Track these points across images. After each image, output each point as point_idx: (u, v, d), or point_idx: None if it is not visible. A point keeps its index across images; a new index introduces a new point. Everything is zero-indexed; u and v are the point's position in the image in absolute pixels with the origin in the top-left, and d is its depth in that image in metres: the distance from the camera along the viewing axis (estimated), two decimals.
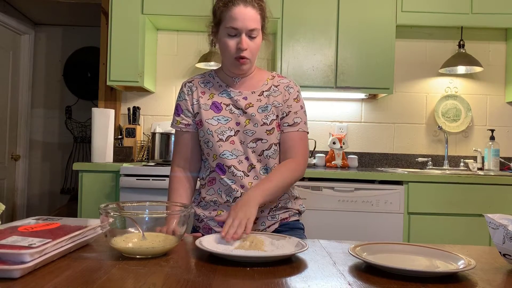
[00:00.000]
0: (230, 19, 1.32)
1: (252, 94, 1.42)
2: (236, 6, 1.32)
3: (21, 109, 4.17)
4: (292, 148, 1.42)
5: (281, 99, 1.43)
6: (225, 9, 1.34)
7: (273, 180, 1.33)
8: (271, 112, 1.41)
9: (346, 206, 2.48)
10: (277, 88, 1.45)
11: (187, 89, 1.46)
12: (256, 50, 1.38)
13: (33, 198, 4.34)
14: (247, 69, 1.40)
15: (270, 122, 1.40)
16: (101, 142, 2.68)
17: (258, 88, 1.44)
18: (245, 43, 1.33)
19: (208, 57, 2.97)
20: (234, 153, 1.39)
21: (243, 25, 1.32)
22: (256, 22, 1.34)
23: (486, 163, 3.01)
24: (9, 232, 0.91)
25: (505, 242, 0.93)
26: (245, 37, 1.33)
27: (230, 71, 1.42)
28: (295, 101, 1.45)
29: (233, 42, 1.34)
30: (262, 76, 1.47)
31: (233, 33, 1.33)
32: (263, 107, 1.41)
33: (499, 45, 3.20)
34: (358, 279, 0.86)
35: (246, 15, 1.32)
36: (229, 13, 1.33)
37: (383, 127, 3.20)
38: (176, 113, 1.48)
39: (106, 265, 0.89)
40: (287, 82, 1.47)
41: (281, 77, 1.49)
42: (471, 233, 2.49)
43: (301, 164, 1.41)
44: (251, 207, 1.21)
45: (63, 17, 4.18)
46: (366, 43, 2.82)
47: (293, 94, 1.45)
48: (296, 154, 1.41)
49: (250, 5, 1.33)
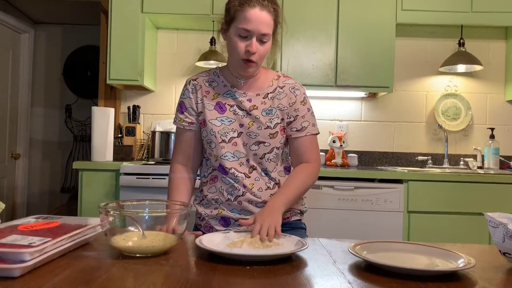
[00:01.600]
0: (244, 20, 1.29)
1: (257, 96, 1.41)
2: (252, 8, 1.29)
3: (21, 108, 4.16)
4: (306, 154, 1.43)
5: (286, 102, 1.41)
6: (240, 8, 1.30)
7: (294, 187, 1.35)
8: (275, 116, 1.39)
9: (346, 205, 2.47)
10: (282, 89, 1.43)
11: (192, 87, 1.45)
12: (264, 54, 1.35)
13: (33, 197, 4.34)
14: (253, 72, 1.38)
15: (274, 126, 1.39)
16: (101, 141, 2.68)
17: (263, 90, 1.42)
18: (254, 47, 1.30)
19: (208, 56, 2.97)
20: (236, 155, 1.39)
21: (256, 28, 1.29)
22: (269, 27, 1.32)
23: (486, 162, 3.00)
24: (9, 231, 0.91)
25: (505, 241, 0.93)
26: (256, 41, 1.31)
27: (236, 71, 1.40)
28: (302, 104, 1.43)
29: (243, 44, 1.31)
30: (267, 77, 1.45)
31: (244, 34, 1.30)
32: (268, 110, 1.39)
33: (499, 43, 3.20)
34: (358, 277, 0.86)
35: (261, 18, 1.29)
36: (243, 14, 1.29)
37: (383, 126, 3.19)
38: (179, 110, 1.46)
39: (106, 264, 0.89)
40: (292, 83, 1.45)
41: (287, 77, 1.47)
42: (471, 231, 2.49)
43: (316, 168, 1.43)
44: (277, 214, 1.23)
45: (63, 15, 4.18)
46: (366, 42, 2.82)
47: (300, 96, 1.43)
48: (310, 158, 1.43)
49: (266, 9, 1.30)
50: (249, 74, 1.39)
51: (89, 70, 4.35)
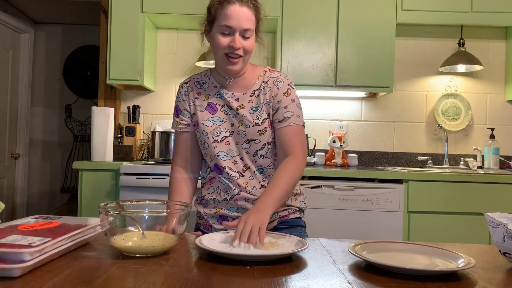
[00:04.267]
0: (225, 17, 1.31)
1: (244, 95, 1.41)
2: (231, 5, 1.31)
3: (20, 107, 4.16)
4: (288, 144, 1.37)
5: (269, 96, 1.41)
6: (220, 7, 1.32)
7: (280, 184, 1.28)
8: (262, 112, 1.39)
9: (346, 205, 2.47)
10: (267, 84, 1.42)
11: (184, 89, 1.47)
12: (249, 50, 1.35)
13: (33, 197, 4.34)
14: (239, 69, 1.38)
15: (262, 122, 1.39)
16: (101, 141, 2.68)
17: (250, 88, 1.42)
18: (238, 42, 1.31)
19: (208, 56, 2.97)
20: (229, 154, 1.40)
21: (237, 24, 1.30)
22: (251, 22, 1.33)
23: (486, 162, 3.00)
24: (9, 231, 0.91)
25: (505, 241, 0.93)
26: (239, 37, 1.32)
27: (222, 70, 1.40)
28: (285, 95, 1.41)
29: (226, 40, 1.32)
30: (254, 74, 1.44)
31: (227, 31, 1.32)
32: (254, 107, 1.40)
33: (499, 43, 3.20)
34: (358, 277, 0.86)
35: (241, 14, 1.31)
36: (224, 11, 1.31)
37: (383, 126, 3.19)
38: (175, 114, 1.49)
39: (105, 264, 0.89)
40: (277, 76, 1.44)
41: (273, 71, 1.46)
42: (471, 231, 2.49)
43: (301, 158, 1.36)
44: (263, 213, 1.15)
45: (63, 15, 4.17)
46: (366, 42, 2.82)
47: (283, 88, 1.41)
48: (293, 149, 1.36)
49: (246, 5, 1.32)
50: (236, 71, 1.38)
51: (89, 70, 4.35)
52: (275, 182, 1.29)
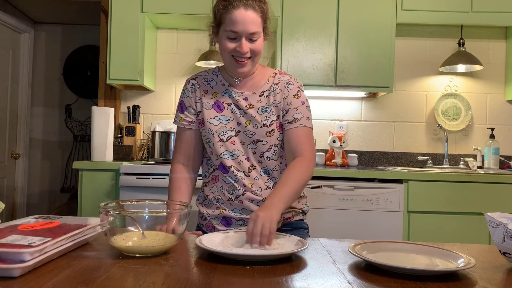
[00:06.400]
0: (230, 22, 1.29)
1: (253, 94, 1.40)
2: (236, 9, 1.28)
3: (20, 107, 4.16)
4: (298, 145, 1.36)
5: (280, 98, 1.40)
6: (225, 11, 1.30)
7: (290, 184, 1.26)
8: (271, 113, 1.39)
9: (346, 205, 2.47)
10: (277, 86, 1.42)
11: (191, 86, 1.45)
12: (258, 51, 1.34)
13: (33, 197, 4.34)
14: (247, 71, 1.37)
15: (270, 124, 1.38)
16: (101, 141, 2.68)
17: (259, 88, 1.41)
18: (245, 47, 1.30)
19: (208, 56, 2.97)
20: (234, 154, 1.39)
21: (243, 29, 1.29)
22: (257, 25, 1.31)
23: (486, 162, 3.00)
24: (9, 231, 0.91)
25: (505, 241, 0.93)
26: (245, 41, 1.30)
27: (230, 72, 1.40)
28: (295, 97, 1.41)
29: (233, 45, 1.31)
30: (264, 75, 1.44)
31: (233, 36, 1.31)
32: (263, 108, 1.39)
33: (499, 43, 3.20)
34: (358, 277, 0.86)
35: (246, 18, 1.28)
36: (229, 16, 1.29)
37: (383, 126, 3.19)
38: (179, 110, 1.46)
39: (105, 264, 0.89)
40: (287, 79, 1.44)
41: (283, 74, 1.46)
42: (471, 231, 2.49)
43: (311, 161, 1.35)
44: (272, 210, 1.13)
45: (63, 15, 4.17)
46: (366, 42, 2.82)
47: (293, 90, 1.41)
48: (303, 151, 1.35)
49: (251, 8, 1.29)
50: (245, 73, 1.38)
51: (89, 70, 4.35)
52: (284, 181, 1.27)
